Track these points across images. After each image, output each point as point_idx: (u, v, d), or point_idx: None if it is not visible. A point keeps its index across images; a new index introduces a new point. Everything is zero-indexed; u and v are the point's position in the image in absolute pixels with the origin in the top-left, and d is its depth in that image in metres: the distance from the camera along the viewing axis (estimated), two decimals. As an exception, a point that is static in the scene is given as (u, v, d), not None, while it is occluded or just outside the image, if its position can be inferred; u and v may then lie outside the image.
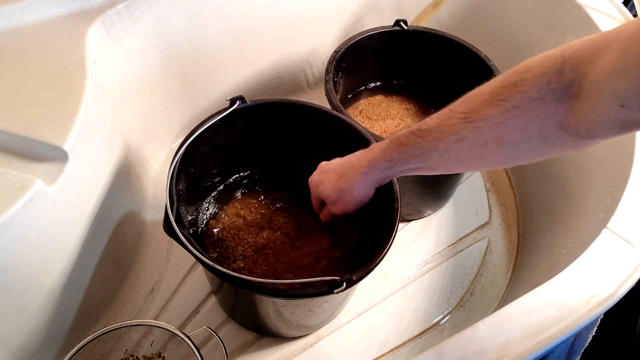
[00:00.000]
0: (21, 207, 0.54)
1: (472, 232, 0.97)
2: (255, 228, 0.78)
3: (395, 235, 0.62)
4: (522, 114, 0.42)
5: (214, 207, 0.81)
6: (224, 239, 0.77)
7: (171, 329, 0.68)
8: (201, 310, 0.81)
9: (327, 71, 0.84)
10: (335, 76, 0.88)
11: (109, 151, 0.75)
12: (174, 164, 0.65)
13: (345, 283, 0.55)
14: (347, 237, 0.77)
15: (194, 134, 0.68)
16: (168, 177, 0.63)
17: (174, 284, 0.84)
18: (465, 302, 0.87)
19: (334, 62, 0.86)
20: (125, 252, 0.83)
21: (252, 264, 0.74)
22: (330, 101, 0.81)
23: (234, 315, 0.80)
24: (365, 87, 1.05)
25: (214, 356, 0.76)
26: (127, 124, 0.84)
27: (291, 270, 0.73)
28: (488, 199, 1.03)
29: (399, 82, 1.06)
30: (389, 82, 1.06)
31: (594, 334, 0.71)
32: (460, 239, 0.95)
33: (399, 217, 0.64)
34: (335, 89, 0.84)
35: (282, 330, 0.76)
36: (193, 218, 0.78)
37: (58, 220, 0.62)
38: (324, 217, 0.68)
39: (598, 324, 0.70)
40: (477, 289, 0.89)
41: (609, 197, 0.69)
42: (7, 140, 0.59)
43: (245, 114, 0.74)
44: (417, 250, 0.93)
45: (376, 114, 0.99)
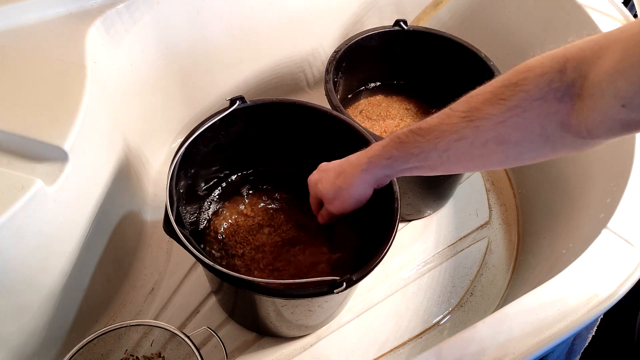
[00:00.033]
0: (21, 207, 0.54)
1: (472, 232, 0.97)
2: (256, 228, 0.78)
3: (395, 235, 0.62)
4: (523, 114, 0.42)
5: (213, 207, 0.81)
6: (224, 239, 0.77)
7: (171, 329, 0.68)
8: (201, 310, 0.81)
9: (327, 71, 0.84)
10: (335, 76, 0.88)
11: (109, 151, 0.75)
12: (174, 164, 0.65)
13: (345, 283, 0.55)
14: (347, 238, 0.77)
15: (194, 134, 0.68)
16: (168, 177, 0.63)
17: (174, 284, 0.84)
18: (465, 302, 0.87)
19: (334, 62, 0.86)
20: (125, 252, 0.83)
21: (252, 263, 0.74)
22: (330, 101, 0.81)
23: (234, 315, 0.80)
24: (365, 87, 1.05)
25: (214, 356, 0.76)
26: (127, 124, 0.84)
27: (291, 270, 0.73)
28: (488, 199, 1.03)
29: (399, 82, 1.05)
30: (389, 82, 1.06)
31: (594, 333, 0.71)
32: (460, 239, 0.95)
33: (399, 217, 0.64)
34: (335, 89, 0.84)
35: (282, 330, 0.76)
36: (193, 218, 0.78)
37: (58, 220, 0.62)
38: (321, 218, 0.68)
39: (598, 323, 0.70)
40: (477, 289, 0.89)
41: (609, 197, 0.69)
42: (7, 140, 0.60)
43: (245, 114, 0.74)
44: (417, 250, 0.92)
45: (376, 114, 0.99)
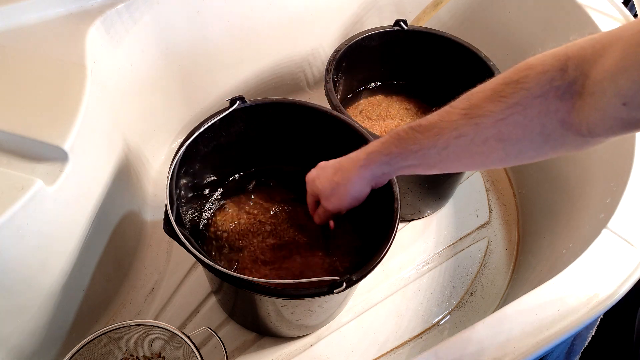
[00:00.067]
0: (21, 207, 0.54)
1: (472, 232, 0.97)
2: (256, 228, 0.78)
3: (395, 235, 0.62)
4: (524, 111, 0.42)
5: (213, 207, 0.81)
6: (224, 238, 0.77)
7: (171, 329, 0.68)
8: (201, 310, 0.81)
9: (327, 71, 0.84)
10: (335, 76, 0.88)
11: (109, 151, 0.75)
12: (174, 164, 0.65)
13: (345, 283, 0.55)
14: (347, 238, 0.77)
15: (194, 134, 0.68)
16: (168, 177, 0.63)
17: (174, 284, 0.84)
18: (465, 302, 0.87)
19: (334, 62, 0.86)
20: (125, 252, 0.83)
21: (252, 263, 0.74)
22: (330, 101, 0.81)
23: (234, 315, 0.80)
24: (365, 87, 1.05)
25: (214, 356, 0.76)
26: (127, 124, 0.84)
27: (291, 270, 0.73)
28: (488, 199, 1.03)
29: (399, 82, 1.05)
30: (389, 82, 1.06)
31: (594, 333, 0.71)
32: (460, 239, 0.95)
33: (398, 217, 0.64)
34: (335, 89, 0.84)
35: (282, 330, 0.76)
36: (193, 218, 0.78)
37: (58, 220, 0.62)
38: (317, 217, 0.67)
39: (597, 323, 0.70)
40: (477, 289, 0.89)
41: (609, 197, 0.69)
42: (7, 140, 0.60)
43: (245, 114, 0.74)
44: (417, 250, 0.92)
45: (376, 114, 0.99)
